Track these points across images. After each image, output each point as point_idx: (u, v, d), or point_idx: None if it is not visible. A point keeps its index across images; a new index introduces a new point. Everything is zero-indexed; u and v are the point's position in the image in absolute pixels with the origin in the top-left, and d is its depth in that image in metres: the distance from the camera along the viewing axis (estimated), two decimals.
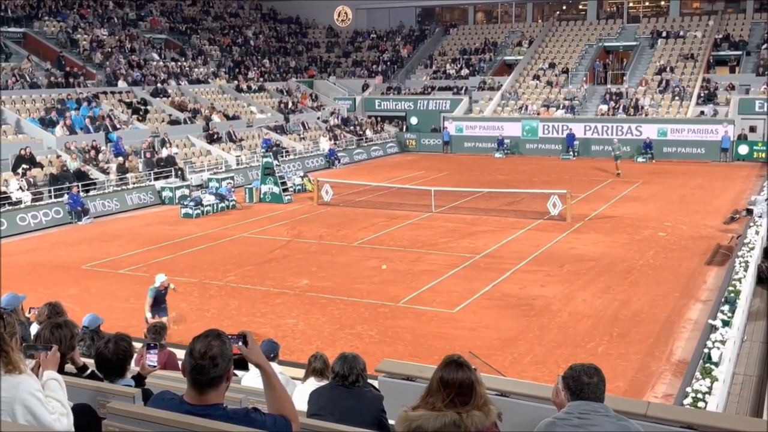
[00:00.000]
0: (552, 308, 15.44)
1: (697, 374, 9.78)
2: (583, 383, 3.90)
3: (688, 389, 9.36)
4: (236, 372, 3.50)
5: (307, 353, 9.83)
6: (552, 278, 17.63)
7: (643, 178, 32.46)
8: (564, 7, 54.75)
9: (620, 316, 14.93)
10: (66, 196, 25.61)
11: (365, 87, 50.22)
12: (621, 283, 17.22)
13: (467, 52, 51.58)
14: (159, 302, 13.67)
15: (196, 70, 43.86)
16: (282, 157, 34.60)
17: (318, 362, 7.82)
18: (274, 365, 7.11)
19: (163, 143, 32.96)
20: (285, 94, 46.43)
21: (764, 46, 43.58)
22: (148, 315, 13.43)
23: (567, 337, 13.77)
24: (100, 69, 38.82)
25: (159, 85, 39.21)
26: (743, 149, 37.95)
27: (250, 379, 7.03)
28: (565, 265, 18.76)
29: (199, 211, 26.09)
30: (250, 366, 3.54)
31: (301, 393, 6.43)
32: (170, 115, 36.84)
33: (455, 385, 3.79)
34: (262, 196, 28.81)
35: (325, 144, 40.37)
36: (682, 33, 47.06)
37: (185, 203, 26.52)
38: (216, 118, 38.25)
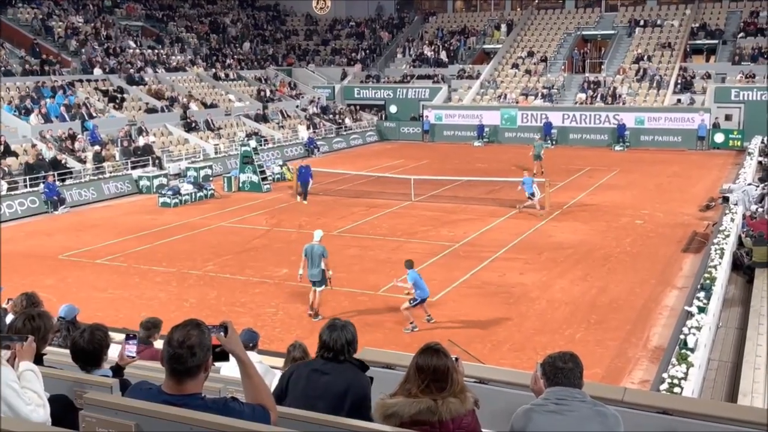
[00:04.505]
0: (530, 296, 15.54)
1: (674, 360, 9.90)
2: (558, 368, 3.94)
3: (665, 375, 9.47)
4: (216, 363, 3.49)
5: (286, 342, 9.84)
6: (531, 266, 17.74)
7: (620, 167, 32.69)
8: None
9: (598, 303, 15.07)
10: (42, 186, 25.34)
11: (344, 75, 50.05)
12: (598, 270, 17.36)
13: (445, 37, 51.54)
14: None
15: (173, 57, 43.45)
16: (261, 145, 34.44)
17: (297, 351, 7.82)
18: (253, 354, 7.10)
19: (140, 132, 32.67)
20: (263, 82, 46.16)
21: (740, 35, 44.00)
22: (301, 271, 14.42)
23: (545, 325, 13.87)
24: (75, 56, 38.33)
25: (135, 72, 38.80)
26: (719, 137, 38.34)
27: (230, 368, 7.02)
28: (543, 252, 18.88)
29: (177, 201, 25.92)
30: (231, 357, 3.54)
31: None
32: (147, 104, 36.51)
33: (430, 370, 3.81)
34: (240, 185, 28.67)
35: (304, 132, 40.23)
36: (659, 22, 47.36)
37: (163, 192, 26.34)
38: (194, 106, 37.96)
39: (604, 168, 32.35)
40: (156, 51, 43.11)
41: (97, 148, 29.84)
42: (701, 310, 11.82)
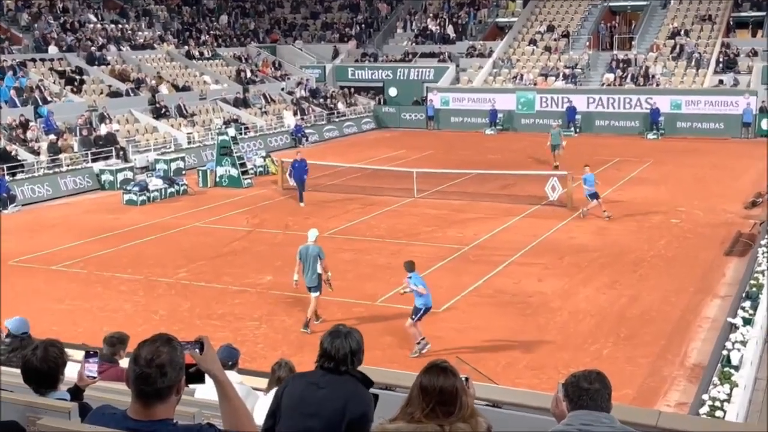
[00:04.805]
0: (550, 306, 15.54)
1: (715, 379, 9.90)
2: (582, 389, 3.93)
3: (705, 396, 9.48)
4: (189, 385, 3.48)
5: (270, 360, 9.82)
6: (550, 272, 17.75)
7: (653, 157, 32.71)
8: None
9: (628, 314, 15.07)
10: None
11: (336, 53, 50.02)
12: (629, 276, 17.37)
13: (453, 9, 51.53)
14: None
15: (139, 33, 43.40)
16: (241, 134, 34.44)
17: (283, 371, 7.81)
18: (232, 374, 7.10)
19: (101, 119, 32.64)
20: (244, 61, 46.14)
21: None
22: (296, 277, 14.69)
23: (567, 339, 13.88)
24: (27, 32, 38.29)
25: (97, 51, 38.75)
26: (767, 124, 38.38)
27: (205, 390, 7.00)
28: (565, 256, 18.88)
29: (144, 198, 25.91)
30: (207, 378, 3.53)
31: (263, 406, 6.42)
32: (110, 86, 36.46)
33: (436, 392, 3.81)
34: (217, 179, 28.65)
35: (291, 119, 40.21)
36: None
37: (128, 188, 26.32)
38: (163, 89, 37.93)
39: (634, 159, 32.37)
40: (120, 26, 43.08)
41: (52, 137, 29.80)
42: (747, 321, 11.82)
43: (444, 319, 14.80)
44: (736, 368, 10.23)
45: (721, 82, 40.54)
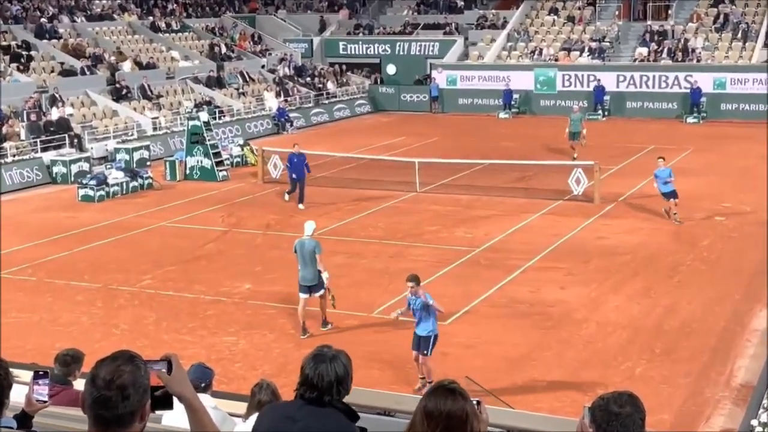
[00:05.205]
0: (575, 317, 15.55)
1: (765, 402, 9.91)
2: (612, 413, 3.93)
3: (754, 422, 9.48)
4: (156, 410, 3.48)
5: (250, 382, 9.82)
6: (575, 278, 17.76)
7: (693, 145, 32.72)
8: None
9: (665, 326, 15.07)
10: None
11: (325, 25, 49.98)
12: (665, 283, 17.38)
13: None
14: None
15: (96, 2, 43.34)
16: (215, 119, 34.41)
17: (264, 393, 7.80)
18: (206, 398, 7.10)
19: (53, 101, 32.59)
20: (217, 34, 46.10)
21: None
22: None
23: (595, 356, 13.88)
24: None
25: (47, 22, 38.69)
26: None
27: (174, 417, 7.01)
28: (591, 260, 18.89)
29: (102, 193, 25.87)
30: (175, 401, 3.52)
31: None
32: (62, 64, 36.40)
33: (442, 417, 3.80)
34: (188, 171, 28.64)
35: (273, 102, 40.19)
36: None
37: (84, 182, 26.28)
38: (125, 67, 37.88)
39: (672, 147, 32.32)
40: None
41: None
42: None
43: (451, 333, 14.77)
44: None
45: None
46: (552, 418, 6.42)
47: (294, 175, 24.41)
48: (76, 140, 30.98)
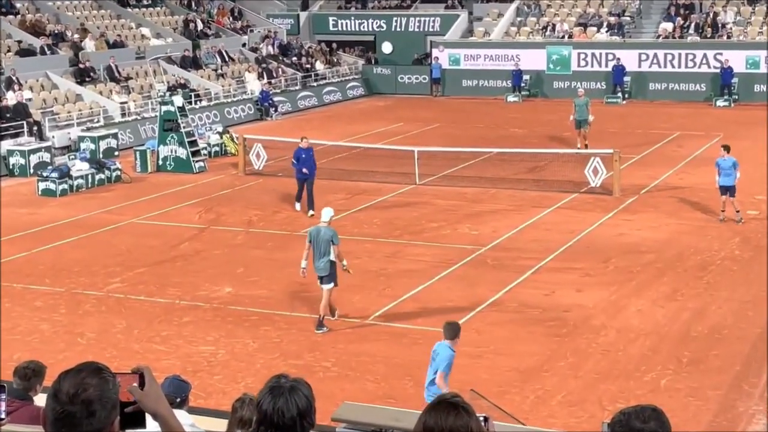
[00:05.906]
0: (592, 323, 15.55)
1: None
2: (634, 430, 3.94)
3: None
4: (126, 429, 3.48)
5: (231, 396, 9.84)
6: (592, 279, 17.76)
7: (724, 131, 32.70)
8: None
9: (692, 333, 15.08)
10: None
11: None
12: (693, 285, 17.38)
13: None
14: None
15: None
16: (191, 103, 34.37)
17: (247, 409, 7.81)
18: (182, 414, 7.10)
19: (9, 85, 32.55)
20: (193, 9, 46.04)
21: None
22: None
23: (615, 366, 13.88)
24: None
25: None
26: None
27: None
28: (611, 259, 18.89)
29: (65, 186, 25.83)
30: (148, 418, 3.52)
31: None
32: (20, 43, 36.32)
33: None
34: (160, 162, 28.60)
35: (255, 84, 40.15)
36: None
37: (45, 174, 26.24)
38: (90, 45, 37.82)
39: (700, 133, 32.38)
40: None
41: None
42: None
43: None
44: None
45: None
46: None
47: (305, 170, 22.92)
48: (35, 128, 30.92)
